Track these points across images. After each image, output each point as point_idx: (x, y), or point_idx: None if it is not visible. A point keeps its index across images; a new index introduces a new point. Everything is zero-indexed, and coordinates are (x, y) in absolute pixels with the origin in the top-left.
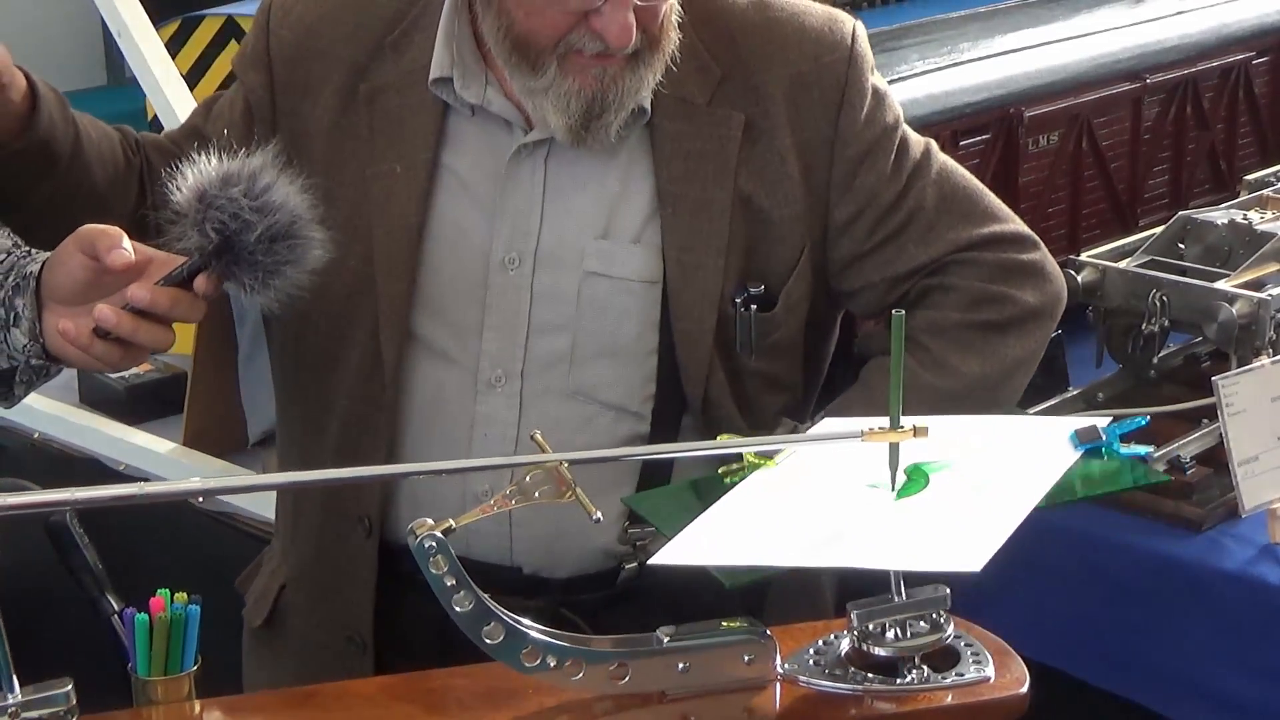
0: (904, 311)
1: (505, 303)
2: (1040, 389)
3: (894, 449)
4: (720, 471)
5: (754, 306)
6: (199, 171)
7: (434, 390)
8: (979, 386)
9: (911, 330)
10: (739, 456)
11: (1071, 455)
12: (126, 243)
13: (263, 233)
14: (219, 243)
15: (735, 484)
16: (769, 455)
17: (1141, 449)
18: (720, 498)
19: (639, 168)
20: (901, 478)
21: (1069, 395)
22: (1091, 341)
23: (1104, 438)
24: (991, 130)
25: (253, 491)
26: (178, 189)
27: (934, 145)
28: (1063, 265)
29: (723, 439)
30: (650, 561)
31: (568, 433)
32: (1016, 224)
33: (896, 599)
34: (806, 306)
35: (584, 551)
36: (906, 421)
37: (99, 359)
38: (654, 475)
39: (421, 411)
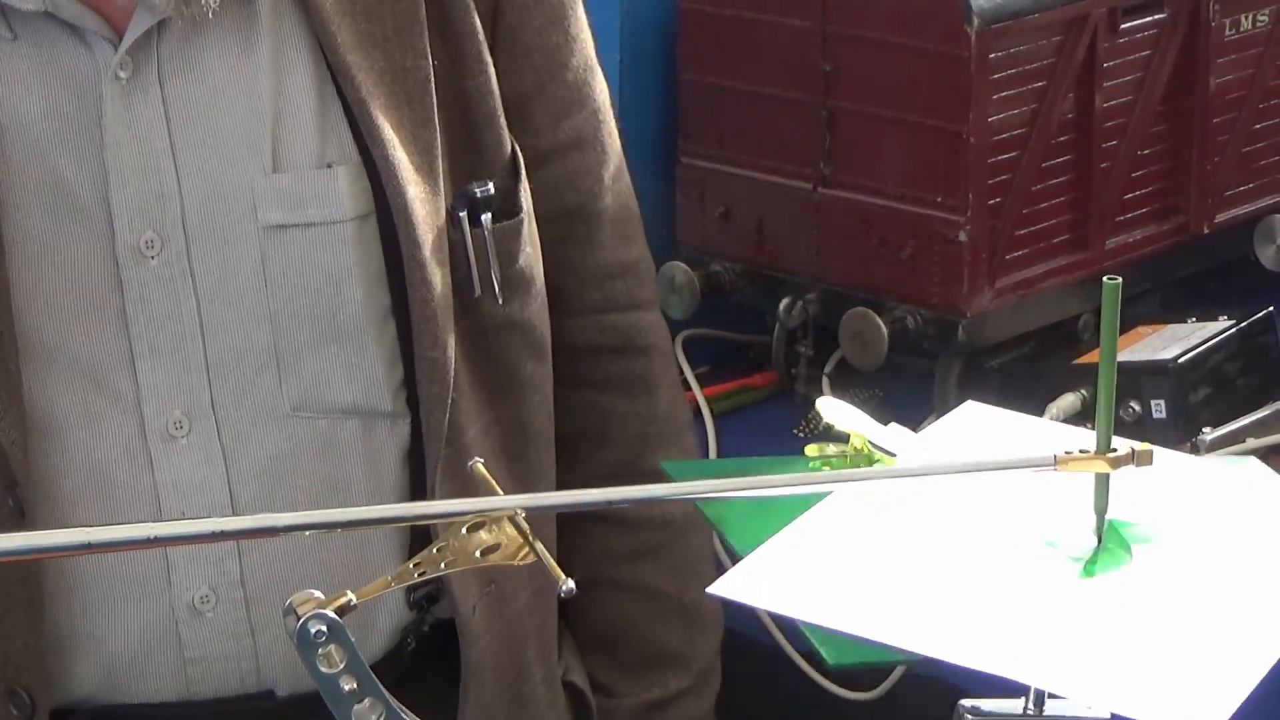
0: (1119, 278)
1: (156, 309)
2: (1243, 392)
3: (1103, 486)
4: (811, 459)
5: (487, 217)
6: None
7: (83, 471)
8: None
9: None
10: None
11: None
12: None
13: None
14: None
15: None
16: (886, 450)
17: None
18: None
19: (293, 47)
20: (1090, 541)
21: None
22: None
23: None
24: (1169, 8)
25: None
26: None
27: None
28: (1275, 211)
29: (813, 451)
30: (710, 590)
31: (301, 468)
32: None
33: (1030, 709)
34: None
35: (362, 641)
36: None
37: None
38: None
39: (72, 509)
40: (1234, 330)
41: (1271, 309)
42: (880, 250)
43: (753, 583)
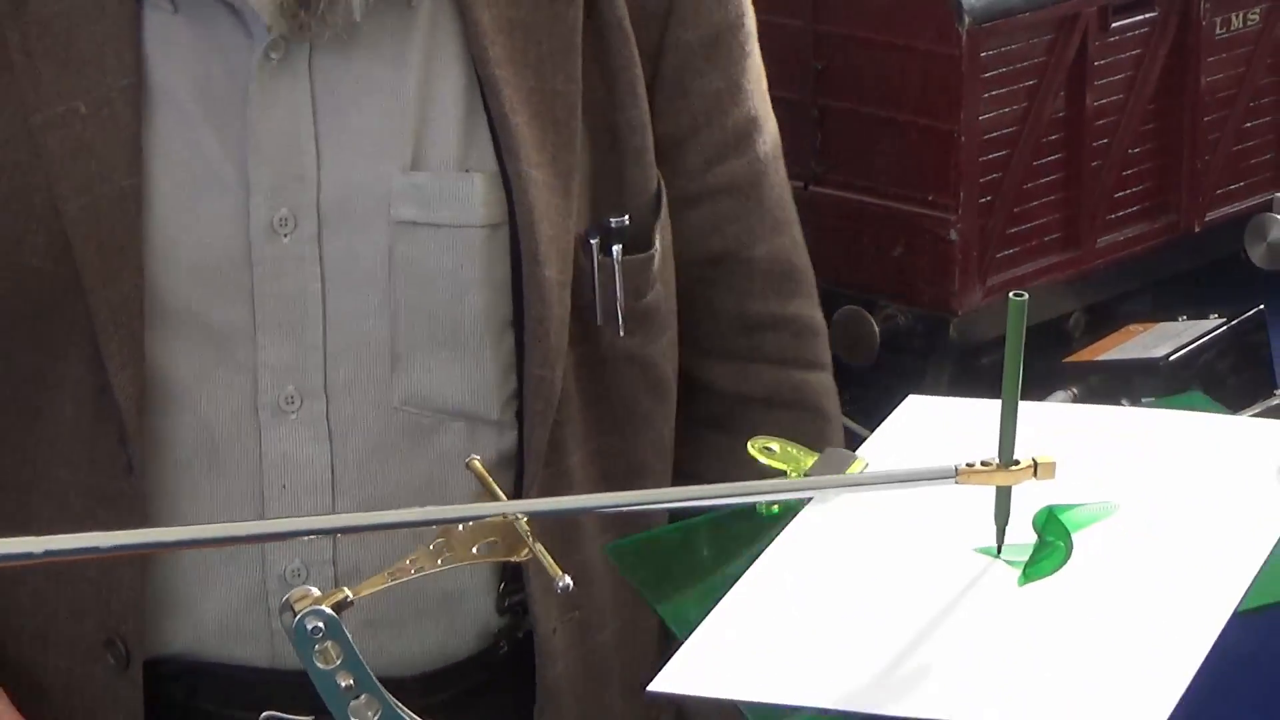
0: (1025, 294)
1: (282, 286)
2: (1234, 390)
3: (1004, 499)
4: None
5: (618, 248)
6: None
7: (195, 433)
8: None
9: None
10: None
11: None
12: None
13: None
14: None
15: (771, 517)
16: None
17: None
18: (742, 547)
19: (446, 54)
20: (1028, 538)
21: (1277, 400)
22: None
23: None
24: (1159, 7)
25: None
26: None
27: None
28: (1265, 209)
29: (758, 446)
30: (651, 688)
31: (403, 461)
32: None
33: None
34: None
35: (450, 633)
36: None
37: None
38: None
39: (182, 469)
40: (1225, 328)
41: (1262, 306)
42: (871, 249)
43: (692, 673)
